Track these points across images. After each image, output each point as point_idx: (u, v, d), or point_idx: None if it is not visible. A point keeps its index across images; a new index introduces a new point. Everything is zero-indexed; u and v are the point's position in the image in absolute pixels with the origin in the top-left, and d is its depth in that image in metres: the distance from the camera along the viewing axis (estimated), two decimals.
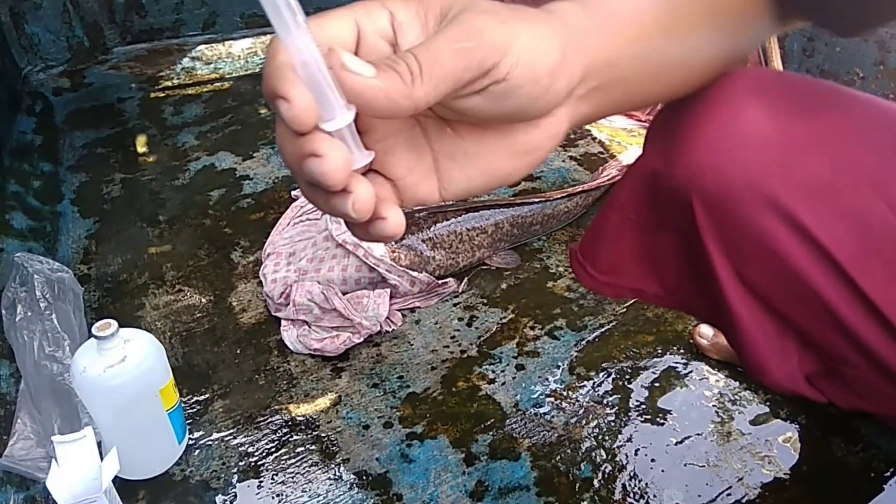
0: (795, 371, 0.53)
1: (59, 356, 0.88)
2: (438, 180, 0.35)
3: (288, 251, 1.11)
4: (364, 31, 0.31)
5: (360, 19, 0.31)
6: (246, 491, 0.81)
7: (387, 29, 0.31)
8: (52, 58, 1.86)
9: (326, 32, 0.30)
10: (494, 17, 0.30)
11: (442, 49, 0.28)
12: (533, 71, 0.30)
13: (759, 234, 0.43)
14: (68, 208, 1.33)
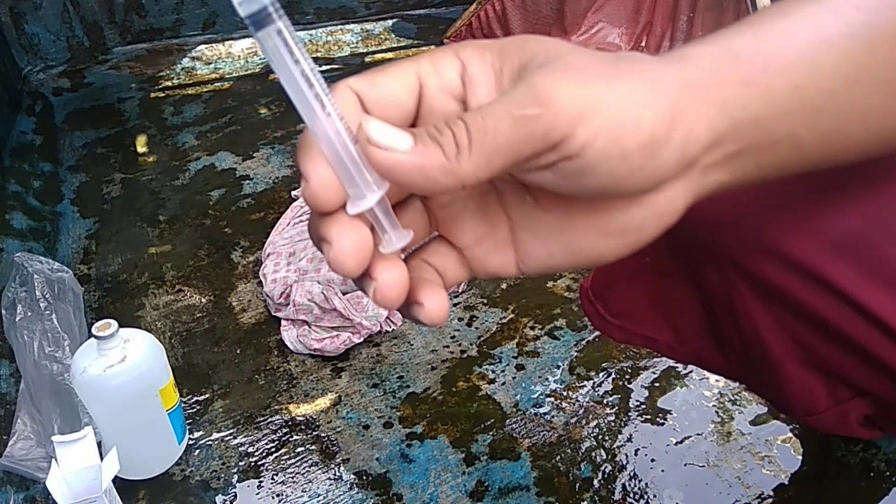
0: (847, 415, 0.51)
1: (59, 356, 0.88)
2: (516, 252, 0.30)
3: (288, 251, 1.11)
4: (428, 87, 0.27)
5: (425, 73, 0.27)
6: (246, 491, 0.81)
7: (456, 84, 0.27)
8: (52, 58, 1.86)
9: (380, 91, 0.26)
10: (578, 74, 0.24)
11: (498, 116, 0.24)
12: (618, 146, 0.24)
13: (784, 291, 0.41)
14: (68, 208, 1.33)
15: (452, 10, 2.18)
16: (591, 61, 0.25)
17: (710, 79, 0.26)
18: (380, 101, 0.26)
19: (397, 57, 1.97)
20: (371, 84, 0.26)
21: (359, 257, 0.25)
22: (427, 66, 0.27)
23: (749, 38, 0.27)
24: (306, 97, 0.23)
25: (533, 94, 0.24)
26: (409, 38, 2.09)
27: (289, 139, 1.54)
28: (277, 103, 1.70)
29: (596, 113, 0.24)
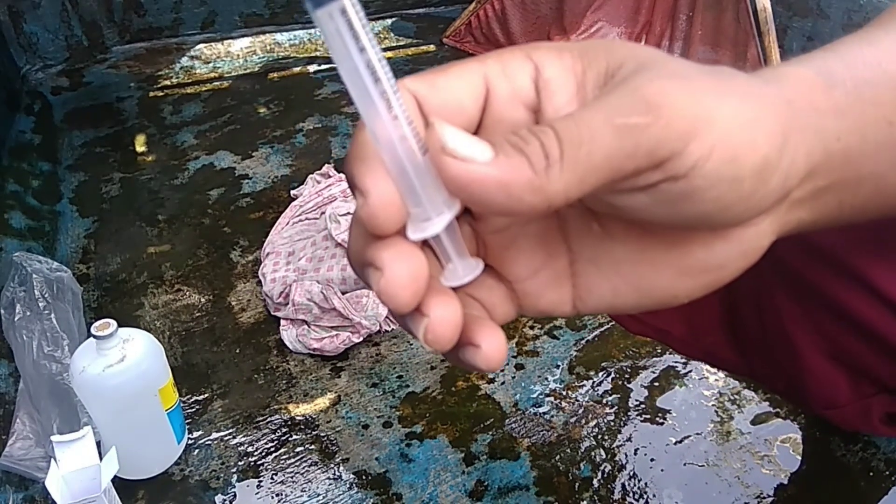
0: (869, 410, 0.51)
1: (58, 356, 0.88)
2: (573, 288, 0.26)
3: (287, 250, 1.11)
4: (496, 92, 0.23)
5: (493, 76, 0.23)
6: (245, 490, 0.81)
7: (528, 90, 0.23)
8: (51, 57, 1.85)
9: (442, 94, 0.23)
10: (685, 82, 0.21)
11: (596, 124, 0.20)
12: (733, 168, 0.21)
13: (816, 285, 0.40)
14: (67, 207, 1.33)
15: (452, 10, 2.18)
16: (692, 71, 0.22)
17: (808, 104, 0.23)
18: (440, 106, 0.23)
19: (396, 57, 1.97)
20: (431, 86, 0.23)
21: (414, 289, 0.21)
22: (495, 68, 0.23)
23: (841, 65, 0.25)
24: (370, 94, 0.19)
25: (640, 101, 0.20)
26: (409, 37, 2.09)
27: (288, 138, 1.54)
28: (276, 102, 1.70)
29: (710, 128, 0.20)
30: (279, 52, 1.99)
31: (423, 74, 0.23)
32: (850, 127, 0.24)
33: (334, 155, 1.48)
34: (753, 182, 0.21)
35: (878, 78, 0.25)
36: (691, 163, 0.20)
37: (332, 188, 1.26)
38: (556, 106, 0.23)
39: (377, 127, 0.20)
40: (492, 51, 0.24)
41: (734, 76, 0.22)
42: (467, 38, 1.99)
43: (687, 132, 0.20)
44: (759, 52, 1.44)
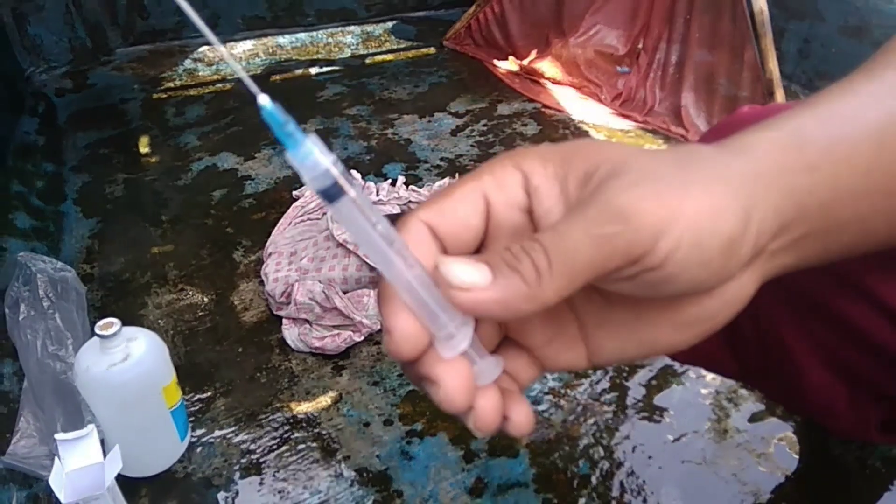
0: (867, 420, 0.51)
1: (63, 355, 0.89)
2: (586, 347, 0.29)
3: (289, 250, 1.12)
4: (494, 204, 0.27)
5: (490, 191, 0.27)
6: (248, 488, 0.82)
7: (521, 197, 0.27)
8: (55, 59, 1.87)
9: (450, 218, 0.27)
10: (650, 185, 0.24)
11: (576, 237, 0.24)
12: (700, 254, 0.24)
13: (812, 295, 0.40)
14: (71, 208, 1.34)
15: (452, 13, 2.19)
16: (659, 166, 0.25)
17: (777, 167, 0.26)
18: (451, 227, 0.27)
19: (397, 59, 1.98)
20: (440, 213, 0.27)
21: (468, 392, 0.26)
22: (491, 184, 0.27)
23: (814, 123, 0.27)
24: (388, 256, 0.24)
25: (611, 212, 0.23)
26: (409, 40, 2.10)
27: None
28: (277, 103, 1.71)
29: (675, 223, 0.23)
30: (281, 55, 2.00)
31: (431, 202, 0.27)
32: (823, 180, 0.26)
33: (336, 156, 1.49)
34: (721, 259, 0.24)
35: (854, 131, 0.27)
36: (662, 256, 0.23)
37: None
38: (545, 208, 0.27)
39: (397, 278, 0.24)
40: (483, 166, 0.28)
41: (701, 159, 0.25)
42: (467, 40, 2.00)
43: (655, 232, 0.23)
44: (755, 54, 1.45)
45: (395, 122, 1.63)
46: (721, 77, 1.52)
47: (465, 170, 1.44)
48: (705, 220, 0.24)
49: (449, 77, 1.86)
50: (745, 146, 0.26)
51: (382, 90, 1.78)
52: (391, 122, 1.63)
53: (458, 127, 1.61)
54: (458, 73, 1.88)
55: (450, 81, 1.84)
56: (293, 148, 0.22)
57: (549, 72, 1.79)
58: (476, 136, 1.57)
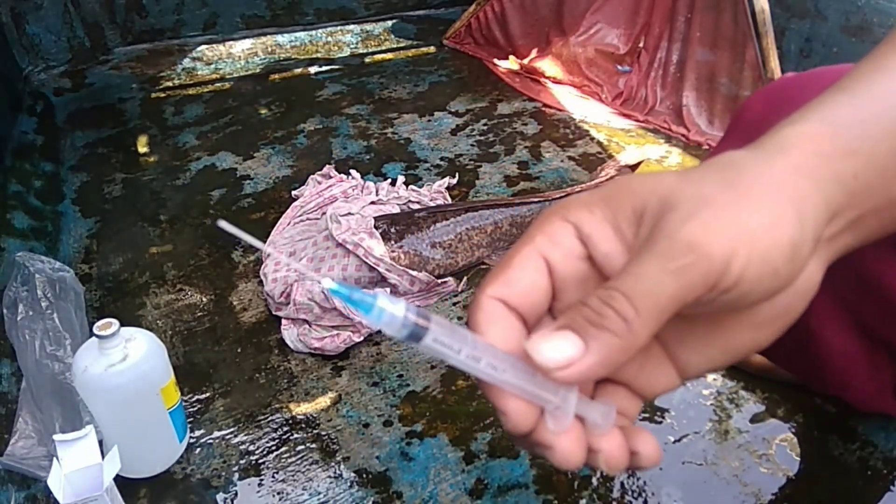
0: (886, 385, 0.50)
1: (61, 355, 0.89)
2: (674, 365, 0.30)
3: (288, 250, 1.12)
4: (554, 261, 0.28)
5: (546, 251, 0.28)
6: (247, 489, 0.82)
7: (577, 248, 0.28)
8: (54, 58, 1.86)
9: (517, 288, 0.28)
10: (708, 212, 0.25)
11: (654, 276, 0.24)
12: (769, 266, 0.25)
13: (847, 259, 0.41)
14: (69, 208, 1.34)
15: (452, 11, 2.19)
16: (708, 190, 0.25)
17: (817, 159, 0.26)
18: (522, 295, 0.28)
19: (397, 58, 1.97)
20: (506, 284, 0.27)
21: (581, 451, 0.27)
22: (545, 243, 0.28)
23: (846, 109, 0.28)
24: (481, 370, 0.26)
25: (680, 245, 0.24)
26: (409, 39, 2.09)
27: (289, 139, 1.55)
28: (278, 104, 1.71)
29: (741, 244, 0.24)
30: (280, 54, 1.99)
31: (496, 276, 0.28)
32: (865, 163, 0.27)
33: (335, 156, 1.49)
34: (788, 265, 0.25)
35: (886, 109, 0.28)
36: (736, 276, 0.24)
37: (333, 189, 1.27)
38: (604, 252, 0.27)
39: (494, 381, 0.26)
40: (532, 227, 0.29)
41: (744, 174, 0.26)
42: (467, 39, 2.00)
43: (725, 256, 0.24)
44: (756, 53, 1.44)
45: (395, 122, 1.63)
46: (722, 76, 1.52)
47: (465, 169, 1.44)
48: (766, 233, 0.24)
49: (449, 76, 1.86)
50: (780, 144, 0.27)
51: (382, 89, 1.78)
52: (391, 122, 1.63)
53: (458, 126, 1.61)
54: (458, 72, 1.88)
55: (450, 80, 1.83)
56: (368, 312, 0.25)
57: (549, 71, 1.79)
58: (476, 136, 1.57)
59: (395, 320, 0.24)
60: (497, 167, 1.44)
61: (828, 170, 0.26)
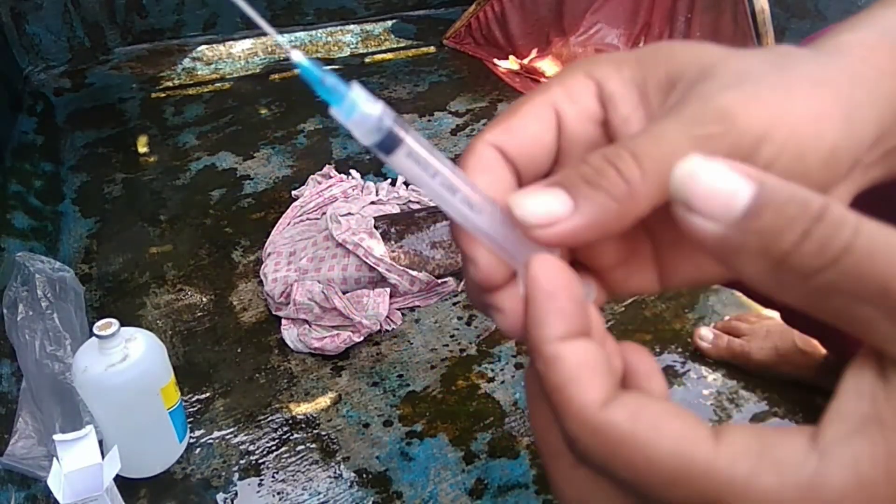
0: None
1: (61, 355, 0.89)
2: (659, 269, 0.27)
3: (288, 250, 1.12)
4: (566, 118, 0.25)
5: (560, 104, 0.25)
6: (247, 489, 0.82)
7: (594, 107, 0.25)
8: (54, 58, 1.86)
9: (519, 136, 0.24)
10: (750, 86, 0.22)
11: (675, 136, 0.21)
12: (801, 165, 0.21)
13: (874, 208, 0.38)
14: (69, 208, 1.34)
15: (452, 11, 2.19)
16: (756, 67, 0.22)
17: (874, 71, 0.24)
18: (522, 147, 0.24)
19: (397, 58, 1.97)
20: (508, 131, 0.24)
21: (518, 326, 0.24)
22: (560, 95, 0.25)
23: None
24: (454, 205, 0.22)
25: (712, 111, 0.21)
26: (409, 39, 2.09)
27: (289, 139, 1.55)
28: (278, 103, 1.71)
29: (778, 128, 0.21)
30: (280, 54, 1.99)
31: (499, 122, 0.24)
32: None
33: (335, 156, 1.49)
34: (822, 171, 0.22)
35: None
36: (763, 164, 0.21)
37: (333, 189, 1.27)
38: (622, 116, 0.24)
39: (469, 225, 0.22)
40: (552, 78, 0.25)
41: (798, 63, 0.23)
42: (467, 39, 2.00)
43: (759, 135, 0.21)
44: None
45: None
46: None
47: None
48: (809, 126, 0.21)
49: (449, 76, 1.86)
50: (839, 48, 0.24)
51: (382, 89, 1.78)
52: None
53: (459, 126, 1.61)
54: (459, 72, 1.88)
55: (450, 80, 1.83)
56: (337, 103, 0.20)
57: (549, 71, 1.79)
58: None
59: (367, 120, 0.20)
60: None
61: (884, 86, 0.23)
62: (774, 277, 0.18)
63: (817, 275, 0.17)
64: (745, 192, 0.18)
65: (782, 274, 0.17)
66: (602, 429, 0.19)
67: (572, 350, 0.20)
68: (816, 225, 0.17)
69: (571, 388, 0.20)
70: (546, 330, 0.21)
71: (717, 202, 0.18)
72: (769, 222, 0.17)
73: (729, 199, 0.18)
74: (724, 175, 0.18)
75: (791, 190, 0.18)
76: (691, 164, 0.19)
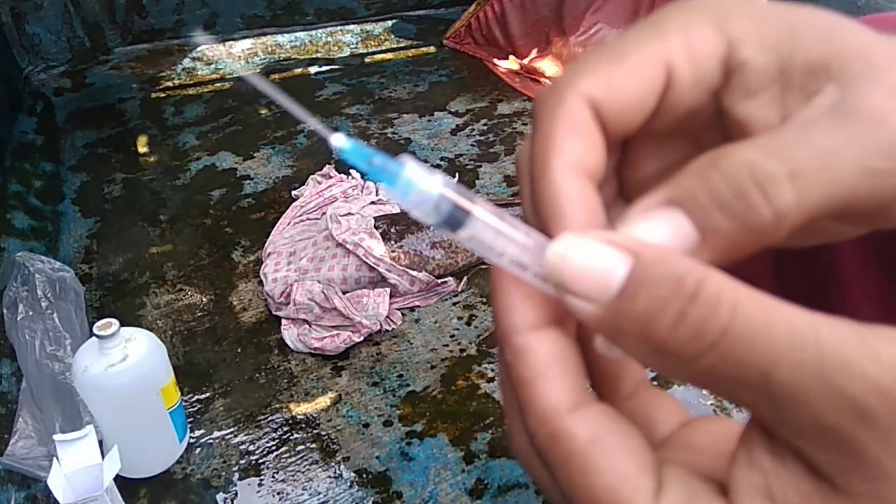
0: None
1: (61, 355, 0.89)
2: None
3: (288, 250, 1.12)
4: (677, 79, 0.19)
5: (677, 60, 0.19)
6: (247, 489, 0.82)
7: (715, 74, 0.19)
8: (54, 58, 1.86)
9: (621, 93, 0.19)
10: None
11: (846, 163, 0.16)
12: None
13: None
14: (69, 208, 1.34)
15: (452, 11, 2.19)
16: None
17: None
18: (619, 107, 0.19)
19: (397, 58, 1.97)
20: (608, 85, 0.19)
21: None
22: (679, 49, 0.19)
23: None
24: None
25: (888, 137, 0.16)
26: (409, 39, 2.09)
27: (289, 139, 1.55)
28: (278, 103, 1.70)
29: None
30: (280, 54, 1.99)
31: (598, 66, 0.19)
32: None
33: (335, 156, 1.48)
34: None
35: None
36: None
37: (333, 189, 1.27)
38: (748, 92, 0.19)
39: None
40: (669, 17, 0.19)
41: None
42: (467, 39, 2.00)
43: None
44: None
45: (395, 122, 1.63)
46: None
47: (465, 169, 1.44)
48: None
49: (449, 76, 1.86)
50: None
51: (382, 89, 1.78)
52: (391, 122, 1.62)
53: (458, 126, 1.61)
54: (458, 72, 1.88)
55: (450, 80, 1.83)
56: (392, 185, 0.17)
57: (549, 71, 1.79)
58: (476, 136, 1.57)
59: (426, 200, 0.17)
60: (497, 167, 1.44)
61: None
62: (658, 363, 0.16)
63: (696, 361, 0.15)
64: (620, 269, 0.16)
65: (664, 359, 0.15)
66: (559, 436, 0.17)
67: (543, 342, 0.18)
68: (691, 305, 0.15)
69: (538, 385, 0.18)
70: (515, 318, 0.18)
71: (592, 281, 0.16)
72: (644, 304, 0.15)
73: (604, 277, 0.16)
74: (598, 251, 0.16)
75: (668, 265, 0.15)
76: (563, 244, 0.17)
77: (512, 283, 0.18)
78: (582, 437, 0.17)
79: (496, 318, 0.19)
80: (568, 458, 0.17)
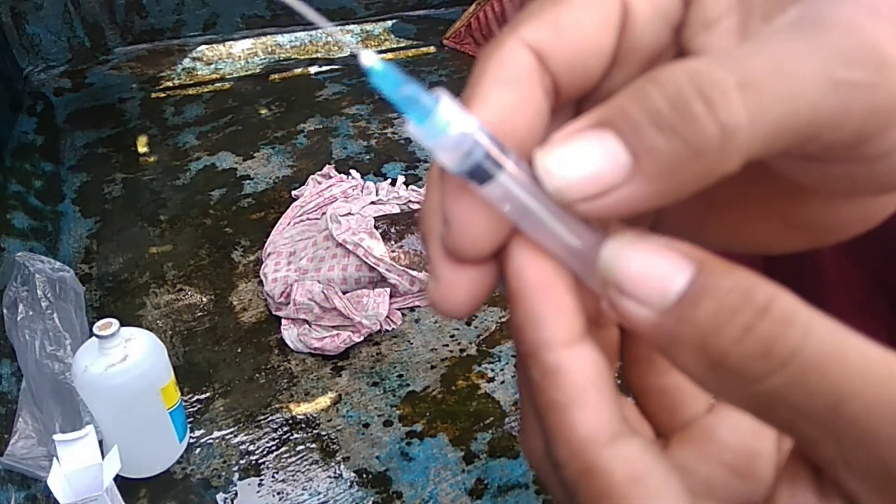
0: None
1: (61, 355, 0.89)
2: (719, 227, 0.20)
3: (288, 250, 1.12)
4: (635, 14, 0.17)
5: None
6: (247, 489, 0.82)
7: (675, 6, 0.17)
8: (54, 58, 1.86)
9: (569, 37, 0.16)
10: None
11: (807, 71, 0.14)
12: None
13: None
14: (69, 208, 1.33)
15: (452, 11, 2.19)
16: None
17: None
18: (569, 51, 0.16)
19: (397, 58, 1.97)
20: (554, 29, 0.16)
21: None
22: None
23: None
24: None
25: (867, 50, 0.14)
26: (409, 39, 2.09)
27: (289, 139, 1.55)
28: (278, 104, 1.71)
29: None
30: (280, 54, 1.99)
31: (542, 14, 0.16)
32: None
33: (335, 156, 1.48)
34: None
35: None
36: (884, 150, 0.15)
37: (333, 189, 1.27)
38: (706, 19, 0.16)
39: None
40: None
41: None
42: (467, 39, 2.00)
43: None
44: None
45: (395, 122, 1.63)
46: None
47: None
48: None
49: (449, 76, 1.86)
50: None
51: None
52: (391, 122, 1.62)
53: None
54: (459, 72, 1.88)
55: (450, 80, 1.83)
56: (422, 121, 0.15)
57: None
58: None
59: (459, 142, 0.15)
60: None
61: None
62: (714, 379, 0.14)
63: (760, 381, 0.14)
64: (681, 275, 0.14)
65: (722, 376, 0.14)
66: (595, 472, 0.16)
67: (579, 362, 0.16)
68: (761, 320, 0.14)
69: (573, 412, 0.16)
70: (545, 332, 0.16)
71: (650, 285, 0.15)
72: (707, 313, 0.14)
73: (662, 281, 0.15)
74: (658, 253, 0.15)
75: (736, 275, 0.14)
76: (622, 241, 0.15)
77: (540, 290, 0.16)
78: (621, 476, 0.16)
79: (520, 330, 0.16)
80: (604, 497, 0.16)
